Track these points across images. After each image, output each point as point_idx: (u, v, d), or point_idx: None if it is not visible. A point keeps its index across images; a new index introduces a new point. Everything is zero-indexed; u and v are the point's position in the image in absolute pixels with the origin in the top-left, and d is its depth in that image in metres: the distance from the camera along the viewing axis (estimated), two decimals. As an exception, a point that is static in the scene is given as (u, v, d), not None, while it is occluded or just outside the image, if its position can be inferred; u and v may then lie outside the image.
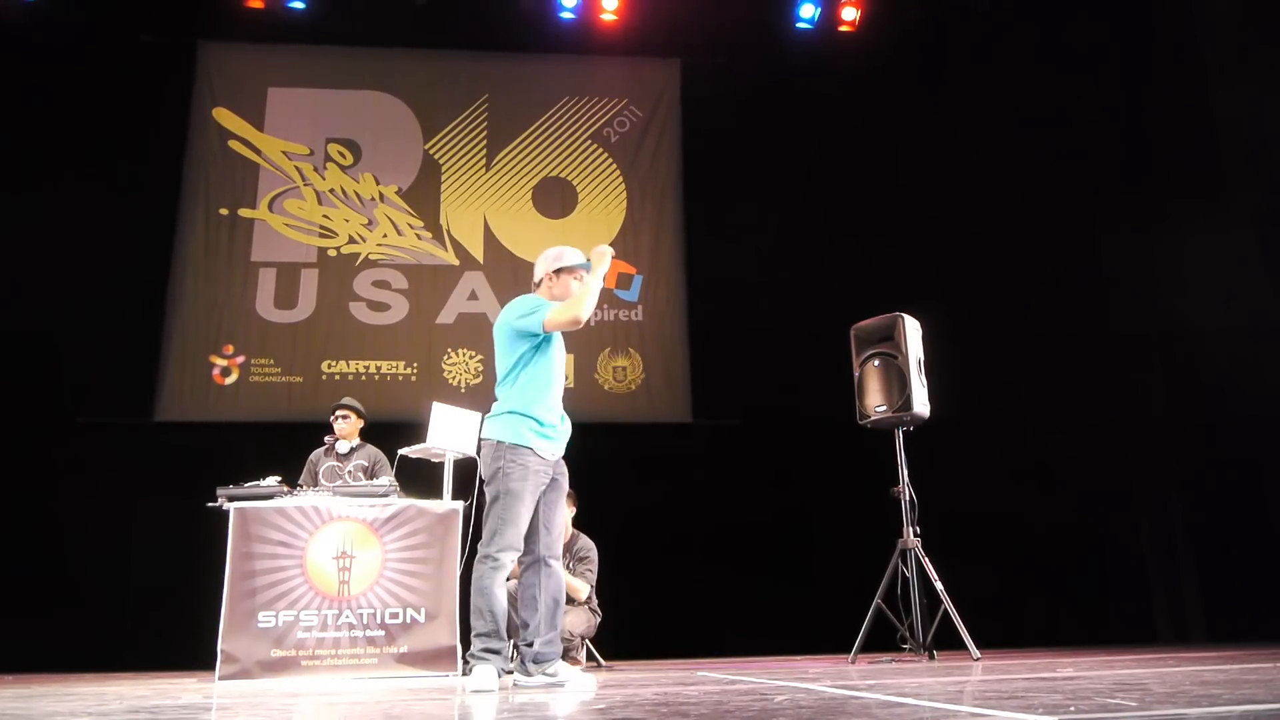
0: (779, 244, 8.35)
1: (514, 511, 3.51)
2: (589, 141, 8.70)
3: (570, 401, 3.87)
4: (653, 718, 2.13)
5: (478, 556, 3.54)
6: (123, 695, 3.53)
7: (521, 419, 3.58)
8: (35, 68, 7.85)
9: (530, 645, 3.56)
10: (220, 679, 4.50)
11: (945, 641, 5.09)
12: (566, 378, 6.01)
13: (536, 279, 3.98)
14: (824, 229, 8.32)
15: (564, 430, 3.74)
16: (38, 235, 7.57)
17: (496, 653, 3.47)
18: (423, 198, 8.44)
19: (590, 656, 5.60)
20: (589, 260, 3.88)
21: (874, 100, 8.45)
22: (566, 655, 5.24)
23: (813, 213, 8.34)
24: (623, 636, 6.10)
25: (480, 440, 3.71)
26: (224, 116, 8.40)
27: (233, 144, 8.36)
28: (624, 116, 8.78)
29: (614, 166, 8.67)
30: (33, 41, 7.82)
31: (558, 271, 3.90)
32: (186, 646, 5.62)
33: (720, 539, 7.53)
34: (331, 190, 8.38)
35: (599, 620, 5.49)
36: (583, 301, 3.63)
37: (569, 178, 8.62)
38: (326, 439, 5.76)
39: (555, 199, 8.57)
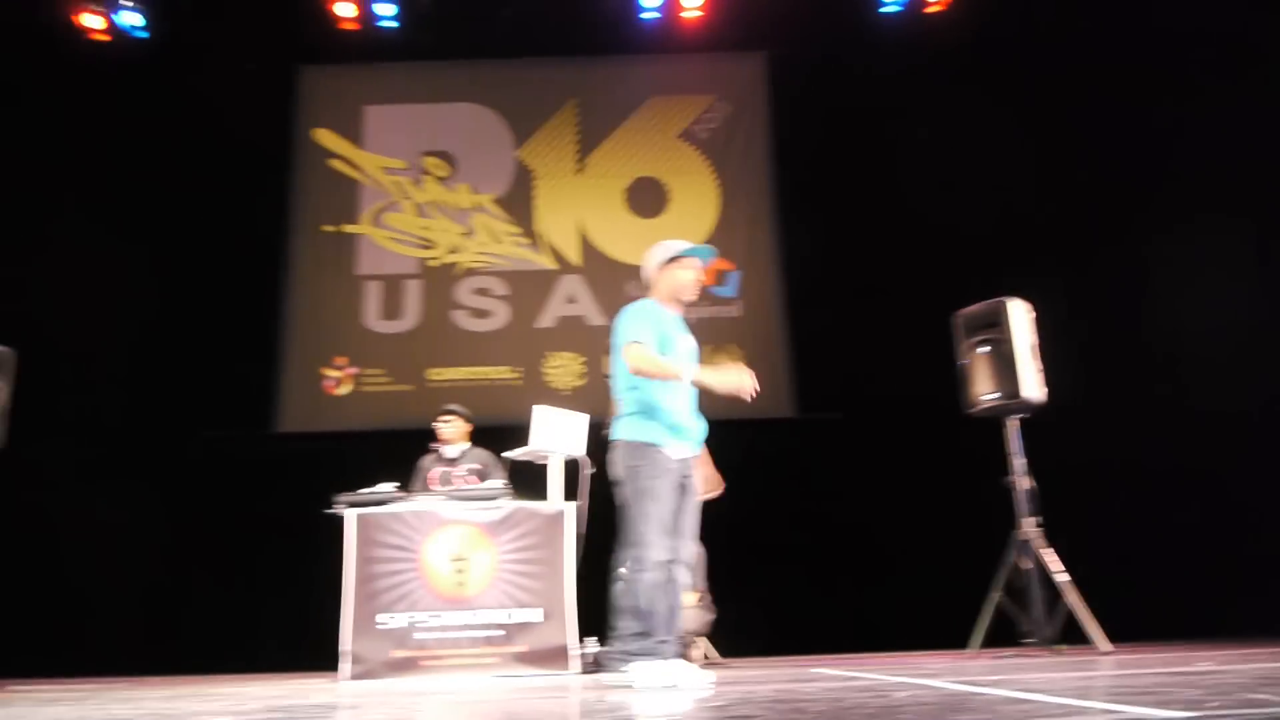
0: (876, 233, 8.20)
1: (650, 508, 3.49)
2: (679, 140, 8.71)
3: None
4: (770, 714, 2.13)
5: (625, 557, 3.56)
6: (257, 695, 3.69)
7: (649, 418, 3.59)
8: (149, 100, 8.22)
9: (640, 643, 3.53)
10: (346, 679, 4.66)
11: (1067, 635, 4.94)
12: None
13: (646, 277, 3.90)
14: (921, 216, 8.15)
15: (696, 429, 3.72)
16: (155, 256, 7.93)
17: (650, 652, 3.45)
18: (518, 204, 8.57)
19: (707, 653, 5.61)
20: (702, 247, 3.82)
21: (965, 81, 8.23)
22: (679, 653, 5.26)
23: (908, 199, 8.17)
24: (734, 633, 6.09)
25: (612, 443, 3.71)
26: (324, 137, 8.69)
27: (333, 163, 8.64)
28: (712, 113, 8.76)
29: (705, 163, 8.66)
30: (146, 75, 8.20)
31: (668, 263, 3.82)
32: (311, 649, 5.83)
33: (828, 533, 7.45)
34: (429, 202, 8.59)
35: (713, 617, 5.49)
36: (665, 372, 3.55)
37: (660, 177, 8.65)
38: (432, 445, 5.89)
39: (648, 199, 8.61)
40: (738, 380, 3.55)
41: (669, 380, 3.58)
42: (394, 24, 8.48)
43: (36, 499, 7.05)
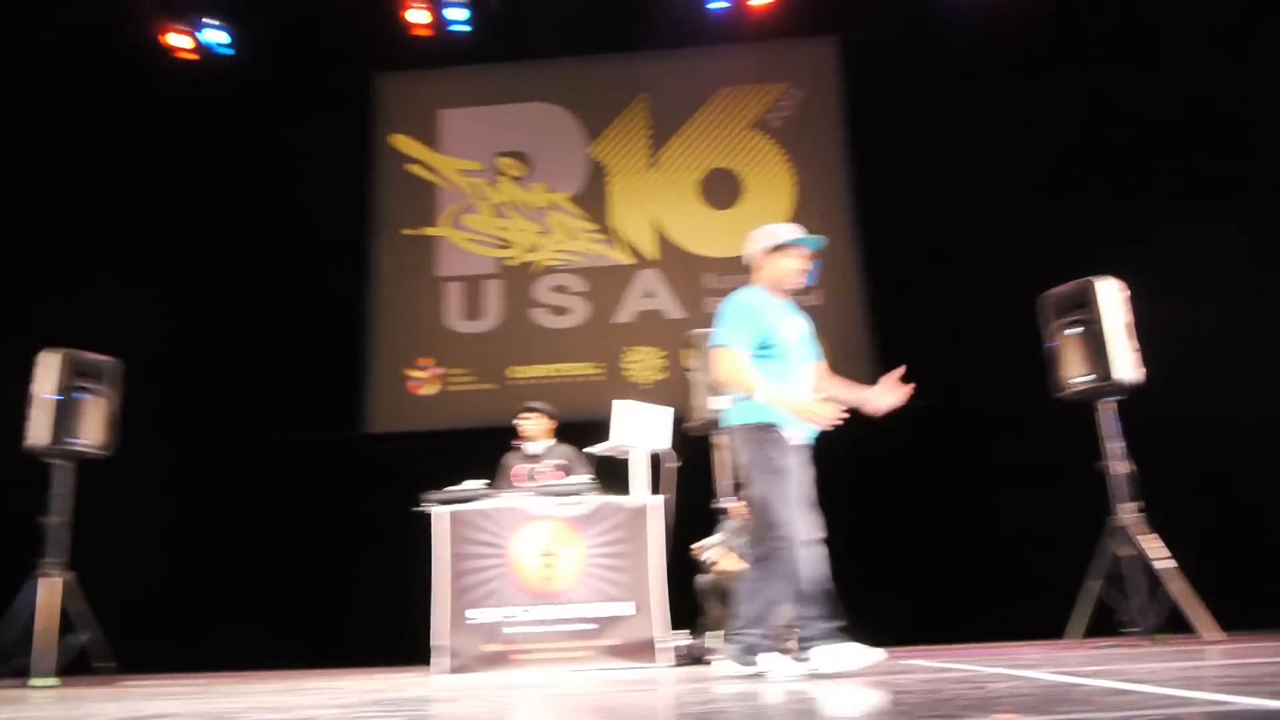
0: (955, 217, 8.02)
1: (787, 488, 3.42)
2: (751, 129, 8.65)
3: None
4: (865, 706, 2.11)
5: (751, 544, 3.50)
6: (355, 689, 3.79)
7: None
8: (234, 114, 8.47)
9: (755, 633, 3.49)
10: (438, 673, 4.76)
11: (1170, 625, 4.78)
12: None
13: (748, 261, 3.81)
14: (1003, 197, 7.94)
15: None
16: (242, 264, 8.17)
17: (827, 636, 3.40)
18: (592, 201, 8.62)
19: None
20: (810, 236, 3.73)
21: (1042, 60, 7.99)
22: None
23: (992, 181, 7.97)
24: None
25: (729, 430, 3.67)
26: (401, 142, 8.85)
27: (410, 167, 8.80)
28: (784, 100, 8.68)
29: (778, 152, 8.59)
30: (230, 90, 8.46)
31: (773, 250, 3.73)
32: (404, 644, 5.97)
33: (916, 521, 7.33)
34: (506, 202, 8.69)
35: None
36: (744, 385, 3.47)
37: (734, 168, 8.61)
38: (515, 442, 5.96)
39: (722, 190, 8.58)
40: (815, 411, 3.44)
41: (763, 394, 3.47)
42: (465, 28, 8.59)
43: (142, 502, 7.34)
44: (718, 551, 5.35)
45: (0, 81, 8.12)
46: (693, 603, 5.38)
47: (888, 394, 3.58)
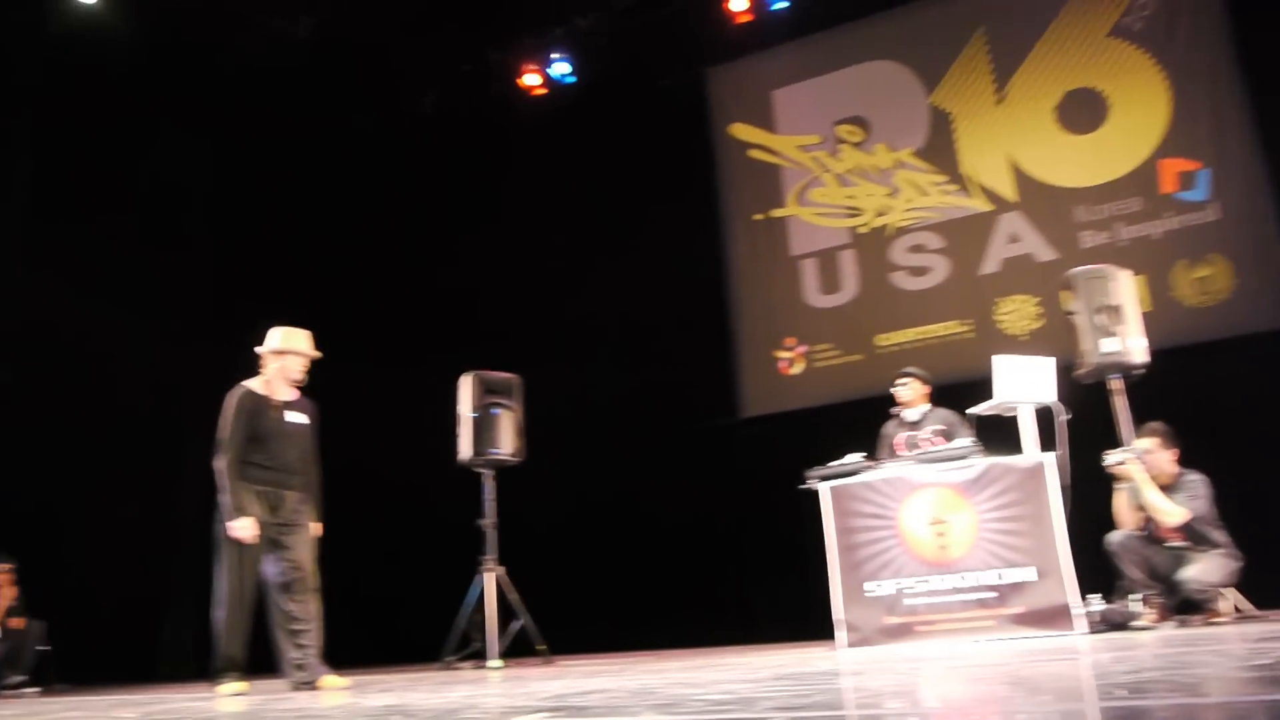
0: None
1: None
2: (1109, 39, 7.78)
3: (1148, 326, 3.46)
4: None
5: None
6: (765, 664, 3.93)
7: None
8: (582, 135, 9.13)
9: None
10: (843, 647, 4.80)
11: None
12: (1141, 302, 5.44)
13: None
14: None
15: None
16: (614, 270, 8.74)
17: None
18: (939, 152, 8.23)
19: (1237, 604, 4.96)
20: None
21: None
22: (1203, 608, 4.73)
23: None
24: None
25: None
26: (740, 130, 9.03)
27: (752, 153, 8.94)
28: (1144, -1, 7.72)
29: (1145, 58, 7.63)
30: (577, 114, 9.13)
31: None
32: (803, 620, 6.09)
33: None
34: (849, 170, 8.56)
35: (1240, 565, 4.84)
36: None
37: (1094, 85, 7.79)
38: (892, 410, 5.87)
39: (1082, 113, 7.80)
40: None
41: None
42: (785, 3, 8.59)
43: (552, 501, 8.14)
44: (1122, 455, 4.89)
45: (407, 128, 9.40)
46: (1102, 564, 4.96)
47: None
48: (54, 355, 7.80)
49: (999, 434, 5.05)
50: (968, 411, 5.18)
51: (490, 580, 6.12)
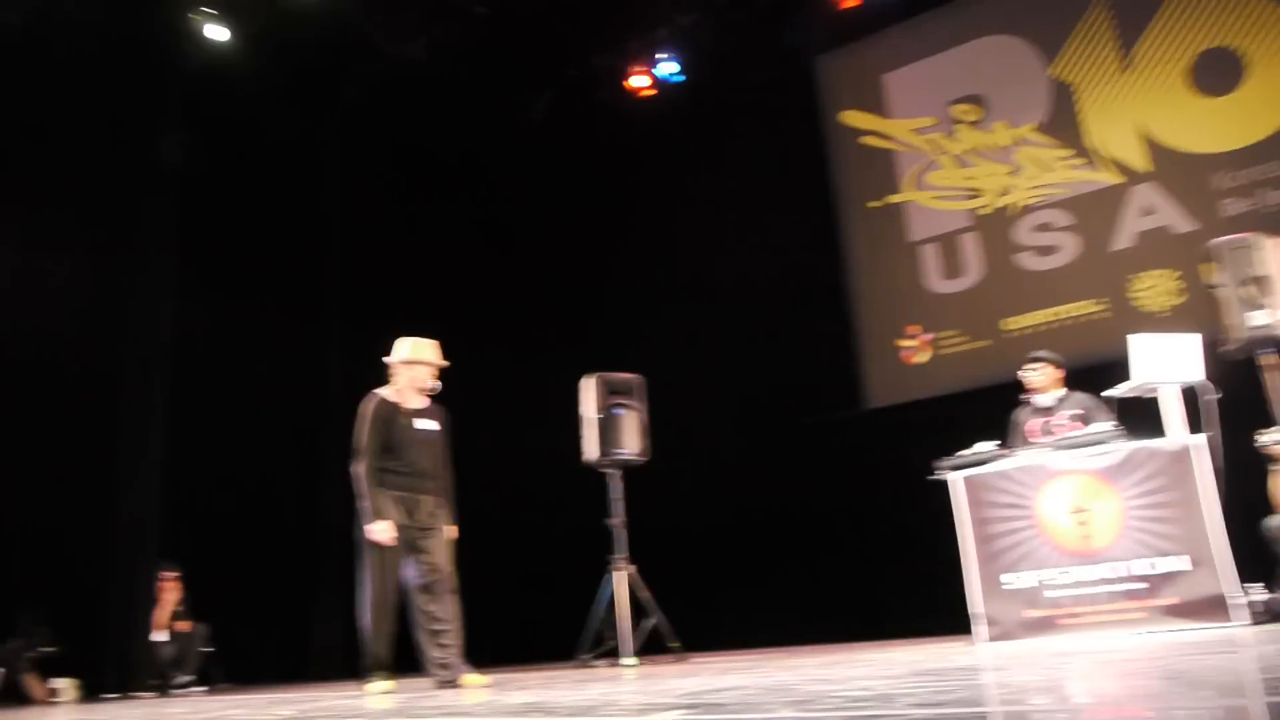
0: None
1: None
2: (1243, -8, 7.34)
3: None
4: None
5: None
6: (901, 660, 3.87)
7: None
8: (691, 133, 9.14)
9: None
10: (982, 641, 4.67)
11: None
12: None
13: None
14: None
15: None
16: (726, 266, 8.71)
17: None
18: (1062, 125, 7.91)
19: None
20: None
21: None
22: None
23: None
24: None
25: None
26: (852, 118, 8.88)
27: (865, 140, 8.79)
28: (1283, -55, 7.25)
29: (1286, 10, 7.18)
30: (686, 113, 9.15)
31: None
32: (937, 613, 5.95)
33: None
34: (967, 151, 8.31)
35: None
36: None
37: (1230, 44, 7.36)
38: (1023, 396, 5.67)
39: (1217, 74, 7.37)
40: None
41: None
42: (892, -16, 8.43)
43: (679, 500, 8.17)
44: (1277, 434, 4.60)
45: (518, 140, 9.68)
46: (1261, 551, 4.69)
47: None
48: (202, 367, 8.31)
49: (1140, 417, 4.82)
50: (1104, 394, 4.96)
51: (621, 579, 6.19)
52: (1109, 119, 7.73)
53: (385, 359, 4.91)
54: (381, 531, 4.54)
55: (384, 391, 4.84)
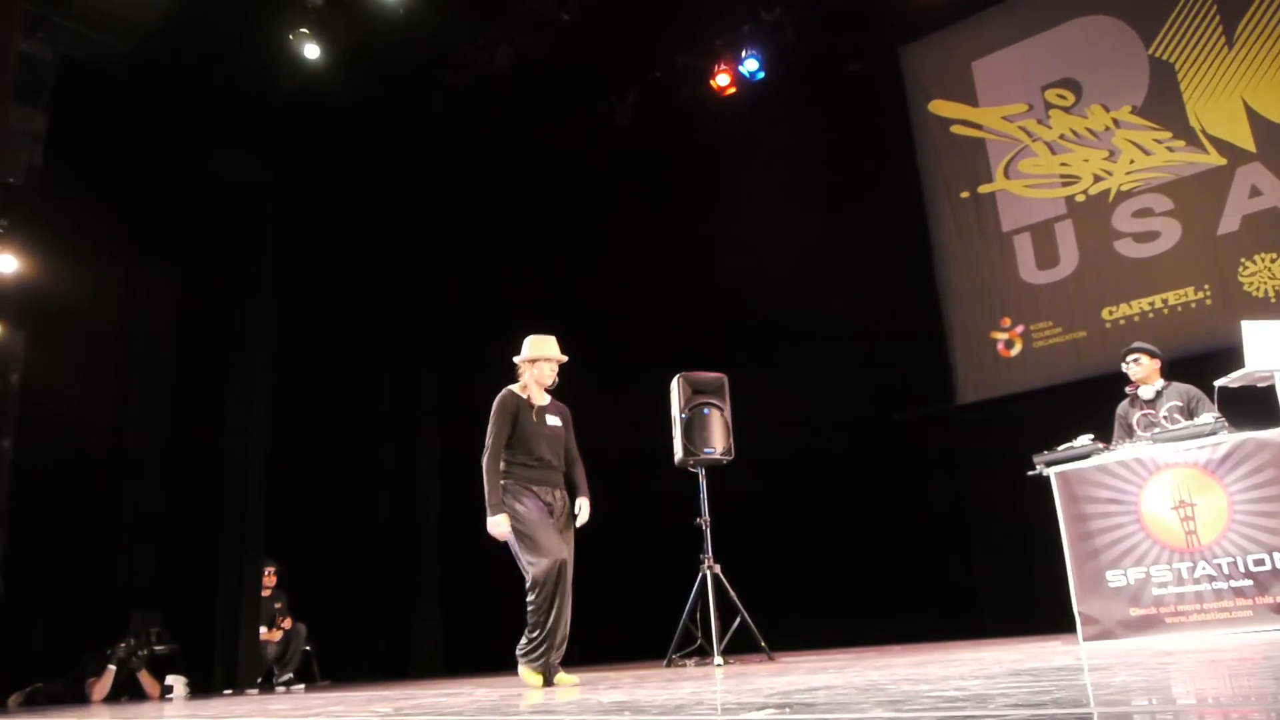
0: None
1: None
2: (1358, -40, 6.98)
3: None
4: None
5: None
6: (998, 659, 3.79)
7: None
8: (774, 127, 9.09)
9: None
10: (1084, 640, 4.55)
11: None
12: None
13: None
14: None
15: None
16: (812, 262, 8.65)
17: None
18: (1163, 107, 7.63)
19: None
20: None
21: None
22: None
23: None
24: None
25: None
26: (940, 107, 8.71)
27: (954, 129, 8.61)
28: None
29: (1407, -26, 6.81)
30: (768, 108, 9.12)
31: None
32: (1032, 611, 5.81)
33: None
34: (1061, 136, 8.08)
35: None
36: None
37: (1346, 12, 7.01)
38: (1127, 389, 5.50)
39: (1326, 48, 7.03)
40: None
41: None
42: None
43: (761, 500, 8.15)
44: None
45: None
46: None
47: None
48: (300, 372, 8.60)
49: (1248, 408, 4.63)
50: (1216, 383, 4.77)
51: (711, 578, 6.19)
52: (1213, 99, 7.43)
53: (515, 359, 4.95)
54: (497, 525, 4.53)
55: (514, 387, 4.92)
